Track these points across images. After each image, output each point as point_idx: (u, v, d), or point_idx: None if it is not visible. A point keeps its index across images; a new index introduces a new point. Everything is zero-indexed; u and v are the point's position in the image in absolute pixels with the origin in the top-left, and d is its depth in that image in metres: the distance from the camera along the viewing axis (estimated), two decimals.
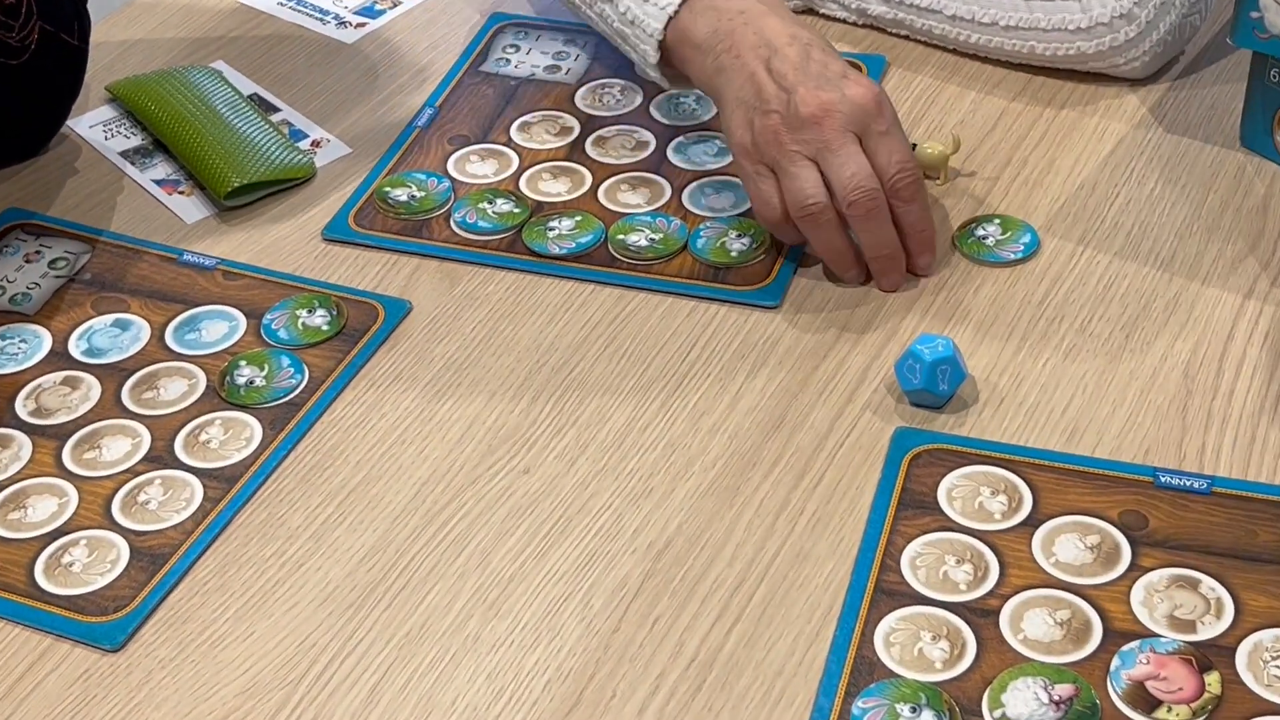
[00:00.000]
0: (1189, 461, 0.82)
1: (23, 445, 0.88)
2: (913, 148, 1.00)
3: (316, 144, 1.10)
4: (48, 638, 0.78)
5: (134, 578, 0.80)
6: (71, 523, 0.83)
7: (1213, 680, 0.72)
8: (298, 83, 1.16)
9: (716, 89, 0.96)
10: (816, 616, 0.76)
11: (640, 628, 0.76)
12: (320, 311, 0.95)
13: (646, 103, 1.10)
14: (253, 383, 0.91)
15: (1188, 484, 0.81)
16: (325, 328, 0.94)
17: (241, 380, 0.91)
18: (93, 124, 1.13)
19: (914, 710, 0.72)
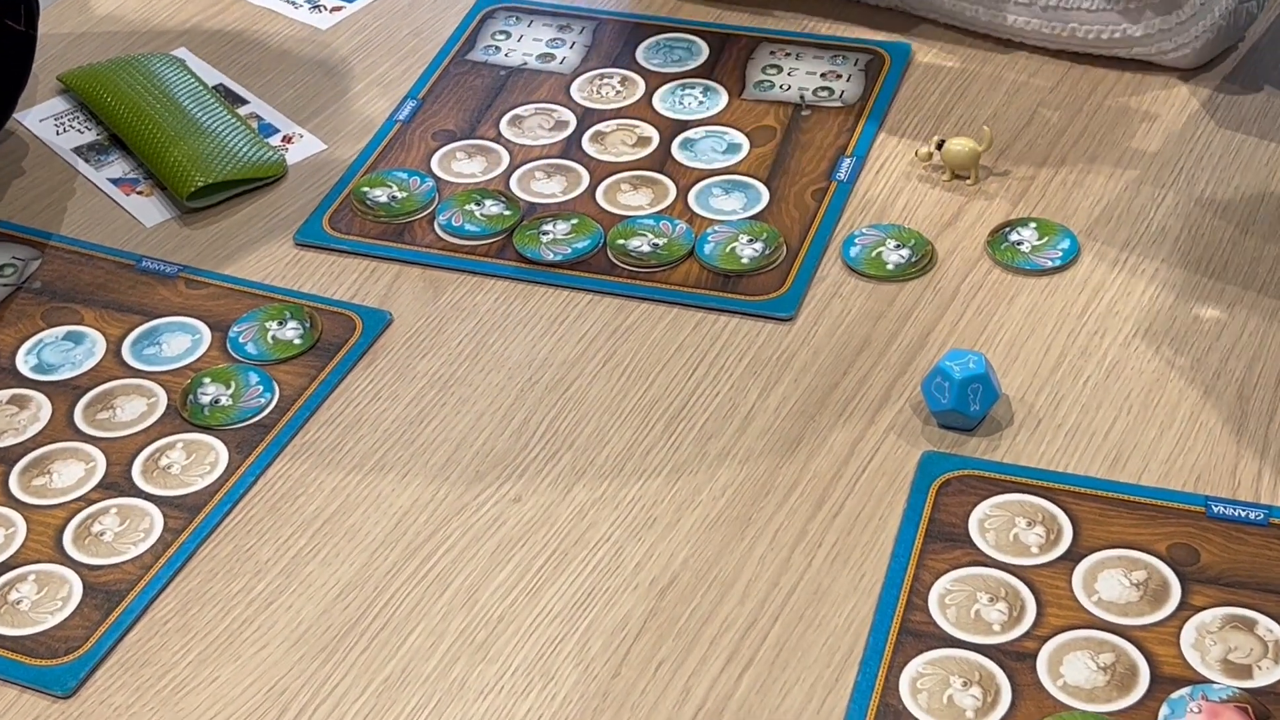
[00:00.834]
0: (1244, 490, 0.82)
1: None
2: (940, 144, 1.01)
3: (288, 139, 1.09)
4: None
5: (87, 617, 0.80)
6: (19, 556, 0.83)
7: None
8: (268, 72, 1.16)
9: None
10: (836, 660, 0.76)
11: (643, 673, 0.76)
12: (292, 324, 0.95)
13: (649, 94, 1.10)
14: (218, 402, 0.90)
15: (1243, 515, 0.80)
16: (297, 341, 0.94)
17: (206, 399, 0.91)
18: (43, 118, 1.12)
19: None
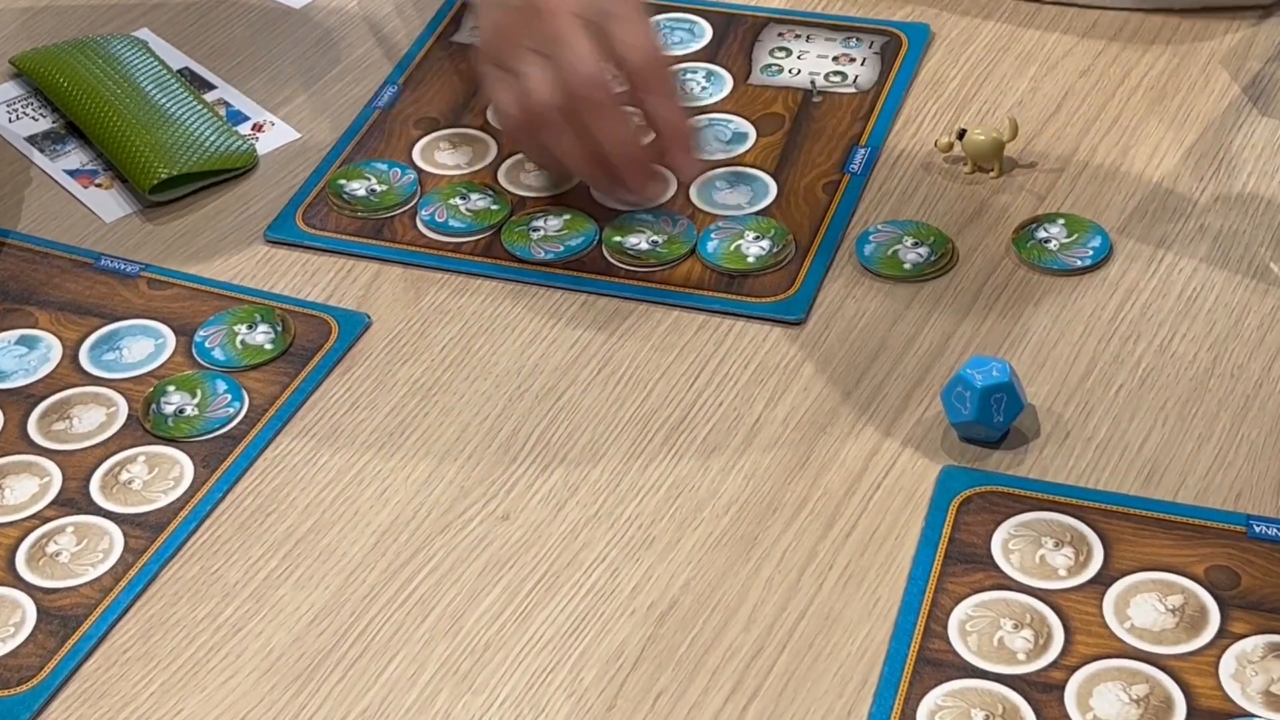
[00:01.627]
0: None
1: None
2: (961, 134, 1.01)
3: (259, 128, 1.10)
4: None
5: (41, 644, 0.80)
6: None
7: None
8: (237, 55, 1.16)
9: None
10: (849, 691, 0.76)
11: (640, 705, 0.76)
12: (263, 327, 0.95)
13: None
14: (183, 412, 0.91)
15: None
16: (268, 346, 0.94)
17: (169, 409, 0.91)
18: None
19: None
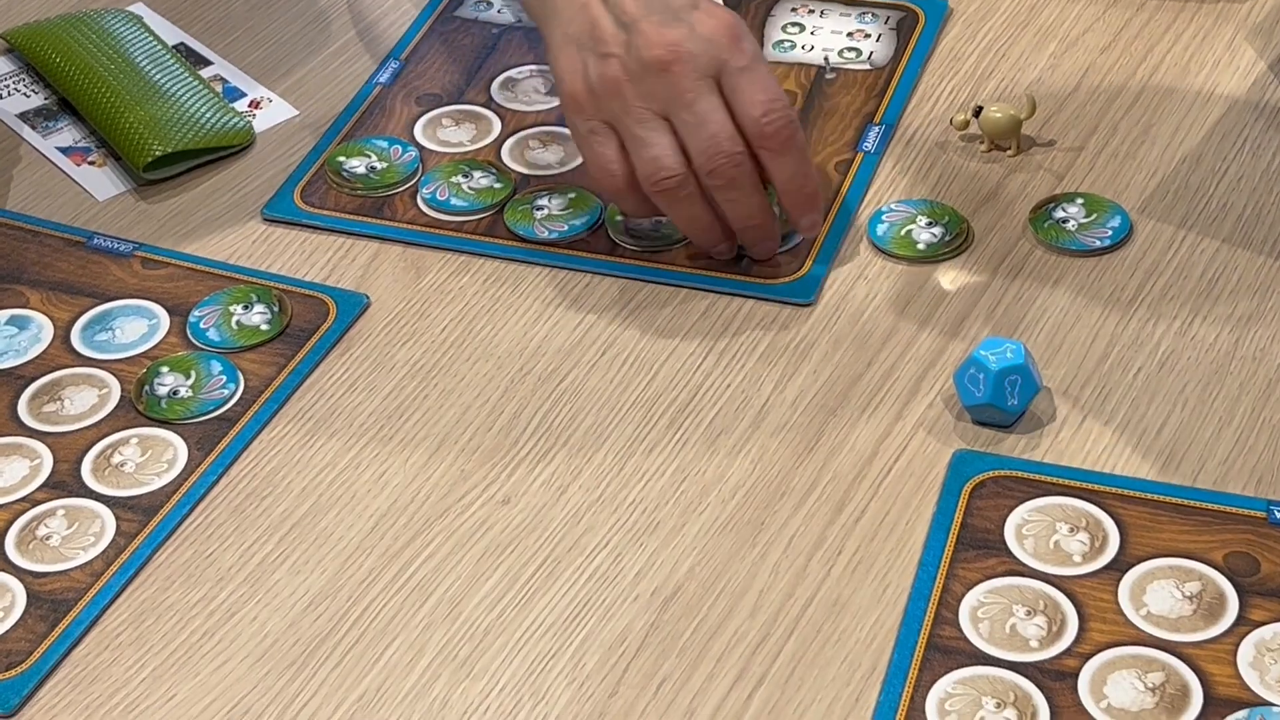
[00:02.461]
0: None
1: None
2: (977, 111, 1.02)
3: (256, 104, 1.10)
4: None
5: (31, 628, 0.81)
6: None
7: None
8: (234, 30, 1.17)
9: (544, 19, 0.97)
10: (857, 679, 0.77)
11: (642, 692, 0.77)
12: (259, 307, 0.96)
13: None
14: (176, 393, 0.91)
15: None
16: (265, 327, 0.95)
17: (163, 390, 0.91)
18: None
19: None
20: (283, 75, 1.12)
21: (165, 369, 0.92)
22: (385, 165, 1.04)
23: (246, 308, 0.96)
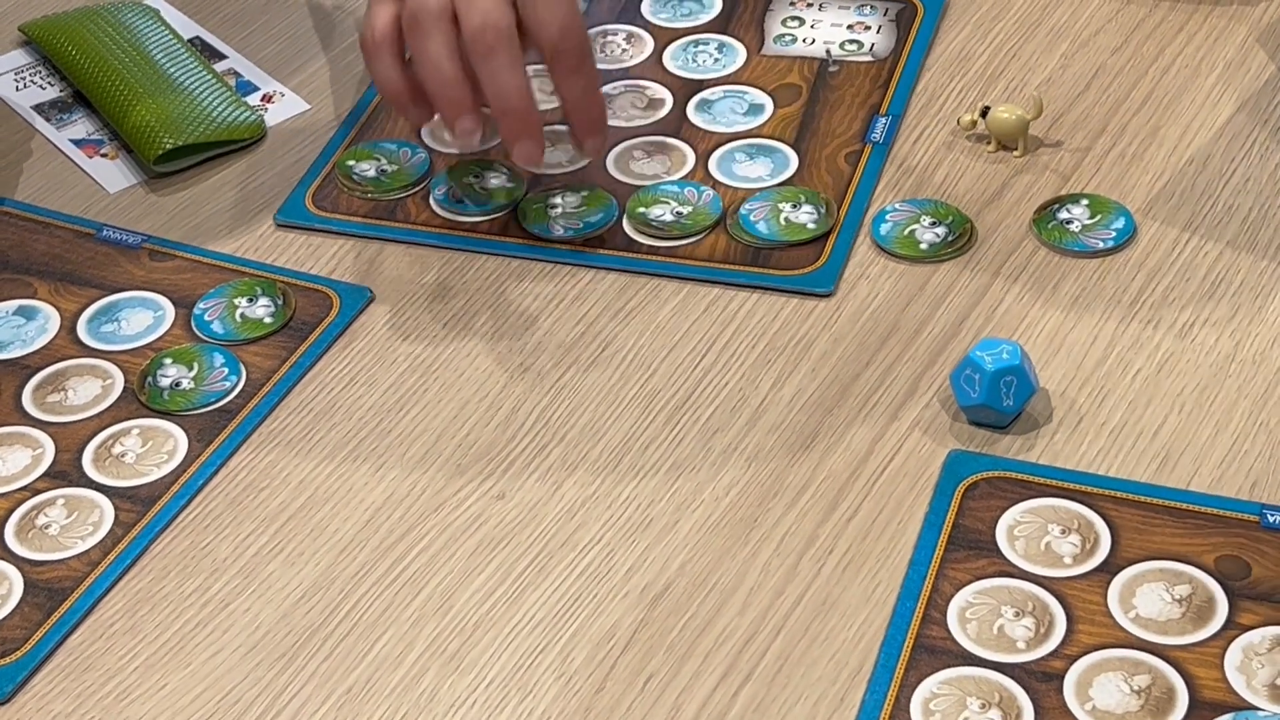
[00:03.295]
0: None
1: None
2: (984, 111, 1.02)
3: (268, 99, 1.11)
4: None
5: (28, 616, 0.82)
6: None
7: None
8: (250, 24, 1.18)
9: None
10: (843, 677, 0.77)
11: (629, 688, 0.77)
12: (263, 300, 0.96)
13: (658, 52, 1.11)
14: (179, 385, 0.92)
15: None
16: (268, 320, 0.95)
17: (166, 382, 0.92)
18: (1, 72, 1.15)
19: None
20: (295, 70, 1.13)
21: (168, 361, 0.93)
22: (395, 168, 1.04)
23: (251, 301, 0.96)
